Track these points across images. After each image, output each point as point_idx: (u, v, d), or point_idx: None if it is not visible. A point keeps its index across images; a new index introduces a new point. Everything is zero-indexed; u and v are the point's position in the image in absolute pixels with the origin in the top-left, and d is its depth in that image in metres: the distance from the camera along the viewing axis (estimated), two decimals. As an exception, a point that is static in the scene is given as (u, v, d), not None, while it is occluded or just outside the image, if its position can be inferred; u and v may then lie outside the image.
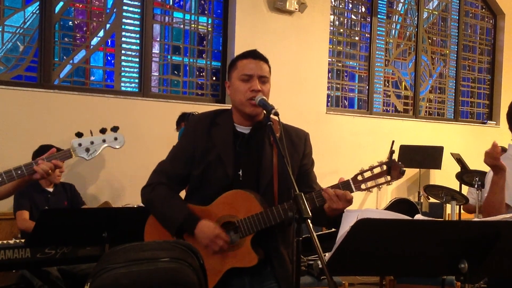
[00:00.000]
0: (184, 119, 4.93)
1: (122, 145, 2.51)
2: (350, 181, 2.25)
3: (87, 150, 2.41)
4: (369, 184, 2.24)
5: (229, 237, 2.33)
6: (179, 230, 2.37)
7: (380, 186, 2.25)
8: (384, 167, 2.22)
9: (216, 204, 2.37)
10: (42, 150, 4.34)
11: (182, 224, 2.35)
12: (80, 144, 2.41)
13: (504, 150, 2.97)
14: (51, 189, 4.41)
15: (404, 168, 2.20)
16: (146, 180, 2.53)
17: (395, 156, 7.23)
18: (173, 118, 5.10)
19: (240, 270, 2.32)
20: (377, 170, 2.23)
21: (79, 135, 2.43)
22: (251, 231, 2.30)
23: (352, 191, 2.24)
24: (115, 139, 2.47)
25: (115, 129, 2.50)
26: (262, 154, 2.40)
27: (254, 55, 2.44)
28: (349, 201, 2.22)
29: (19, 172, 2.38)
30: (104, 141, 2.45)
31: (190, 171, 2.43)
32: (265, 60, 2.45)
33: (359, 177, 2.25)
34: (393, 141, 2.28)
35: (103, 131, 2.46)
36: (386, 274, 4.03)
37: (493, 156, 2.70)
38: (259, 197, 2.34)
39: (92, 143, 2.43)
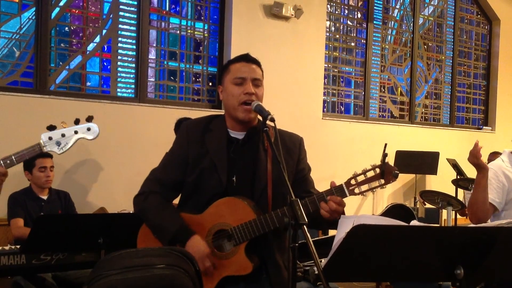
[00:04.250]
0: None
1: (96, 135, 2.31)
2: (344, 185, 2.24)
3: (58, 143, 2.24)
4: (363, 188, 2.23)
5: (219, 252, 2.32)
6: (171, 241, 2.34)
7: (374, 190, 2.24)
8: (377, 170, 2.21)
9: (209, 212, 2.34)
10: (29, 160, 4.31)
11: (175, 236, 2.33)
12: (50, 138, 2.24)
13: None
14: (45, 197, 4.34)
15: (397, 171, 2.18)
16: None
17: (392, 161, 7.22)
18: (170, 124, 5.09)
19: (236, 277, 2.31)
20: (370, 174, 2.22)
21: (51, 128, 2.25)
22: (245, 238, 2.28)
23: (345, 196, 2.23)
24: (88, 129, 2.30)
25: (89, 119, 2.33)
26: (256, 159, 2.38)
27: (246, 58, 2.43)
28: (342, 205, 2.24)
29: None
30: (76, 132, 2.27)
31: (184, 177, 2.41)
32: (258, 64, 2.44)
33: (353, 181, 2.24)
34: (385, 144, 2.26)
35: (76, 121, 2.28)
36: (382, 280, 4.03)
37: (474, 155, 2.81)
38: (252, 204, 2.32)
39: (63, 135, 2.24)
